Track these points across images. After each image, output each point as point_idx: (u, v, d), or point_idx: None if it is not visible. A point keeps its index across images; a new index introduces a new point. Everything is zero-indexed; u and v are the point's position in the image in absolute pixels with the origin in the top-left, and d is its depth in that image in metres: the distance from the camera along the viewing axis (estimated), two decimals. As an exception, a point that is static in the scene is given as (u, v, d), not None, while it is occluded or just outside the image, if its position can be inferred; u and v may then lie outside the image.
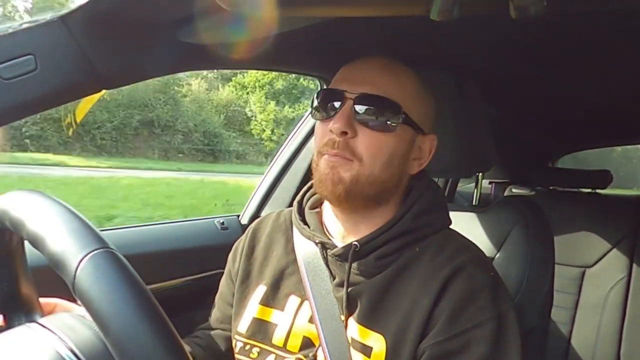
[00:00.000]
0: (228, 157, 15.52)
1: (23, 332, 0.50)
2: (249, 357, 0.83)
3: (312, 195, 0.93)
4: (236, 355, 0.85)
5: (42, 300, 0.63)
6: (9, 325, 0.57)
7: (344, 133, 0.76)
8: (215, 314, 0.97)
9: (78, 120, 0.89)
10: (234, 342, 0.87)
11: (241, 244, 0.96)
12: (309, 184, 0.94)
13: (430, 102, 0.86)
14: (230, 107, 16.71)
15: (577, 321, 1.77)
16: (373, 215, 0.83)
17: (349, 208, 0.82)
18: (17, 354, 0.47)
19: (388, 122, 0.77)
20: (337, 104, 0.78)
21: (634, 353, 1.65)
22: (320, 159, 0.79)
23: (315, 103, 0.83)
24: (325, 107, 0.80)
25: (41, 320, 0.52)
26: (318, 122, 0.83)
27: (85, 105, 0.86)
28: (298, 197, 0.94)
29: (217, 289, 1.00)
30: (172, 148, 14.07)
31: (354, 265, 0.80)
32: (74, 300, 0.42)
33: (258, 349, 0.83)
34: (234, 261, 0.96)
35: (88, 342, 0.47)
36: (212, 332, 0.95)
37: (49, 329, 0.49)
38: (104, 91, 0.81)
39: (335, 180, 0.76)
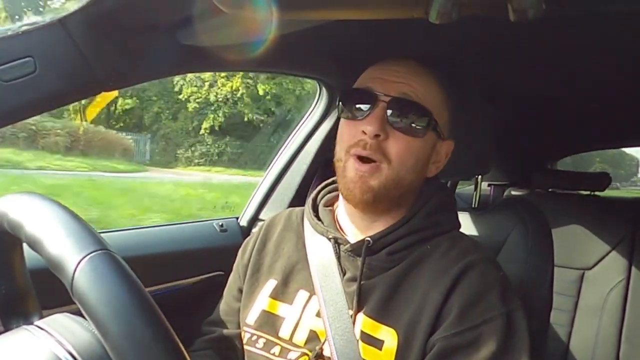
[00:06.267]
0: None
1: (21, 335, 0.50)
2: (255, 347, 0.85)
3: (327, 193, 0.95)
4: (244, 346, 0.87)
5: None
6: (7, 327, 0.56)
7: (377, 136, 0.77)
8: (222, 306, 0.98)
9: (89, 120, 0.89)
10: (242, 332, 0.89)
11: (253, 239, 0.99)
12: (325, 183, 0.96)
13: (454, 109, 0.87)
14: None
15: (576, 323, 1.76)
16: (388, 214, 0.85)
17: (371, 210, 0.84)
18: (15, 356, 0.47)
19: (418, 128, 0.79)
20: (368, 105, 0.79)
21: (634, 355, 1.65)
22: (348, 160, 0.80)
23: (344, 102, 0.83)
24: (356, 106, 0.81)
25: (39, 323, 0.51)
26: (345, 121, 0.83)
27: (96, 105, 0.86)
28: (313, 195, 0.96)
29: (217, 291, 1.01)
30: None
31: (366, 260, 0.81)
32: (72, 303, 0.42)
33: (264, 340, 0.84)
34: (243, 255, 0.97)
35: (86, 345, 0.47)
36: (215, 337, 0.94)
37: (47, 332, 0.49)
38: (116, 92, 0.82)
39: (364, 189, 0.78)
